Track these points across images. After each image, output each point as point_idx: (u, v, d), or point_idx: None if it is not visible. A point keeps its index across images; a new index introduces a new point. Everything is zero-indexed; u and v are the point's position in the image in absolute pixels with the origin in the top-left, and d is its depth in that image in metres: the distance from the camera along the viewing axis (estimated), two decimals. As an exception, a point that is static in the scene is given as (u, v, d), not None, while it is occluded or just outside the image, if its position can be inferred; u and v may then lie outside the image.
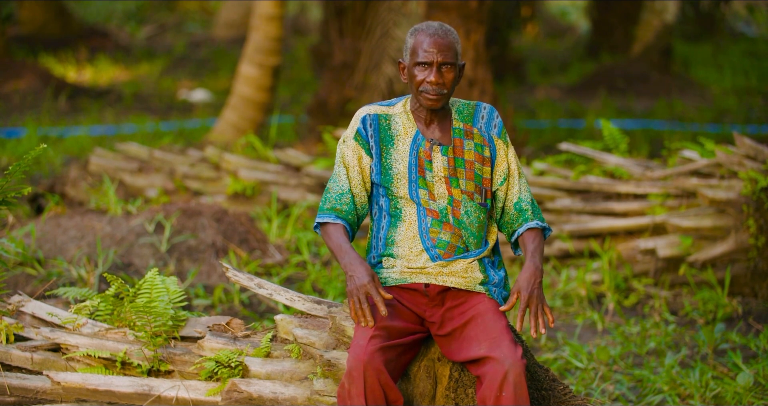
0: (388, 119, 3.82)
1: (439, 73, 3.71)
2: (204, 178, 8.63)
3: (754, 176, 6.43)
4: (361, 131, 3.79)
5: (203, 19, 22.12)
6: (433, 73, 3.71)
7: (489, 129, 3.85)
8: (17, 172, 4.42)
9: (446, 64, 3.72)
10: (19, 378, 4.14)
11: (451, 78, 3.73)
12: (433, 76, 3.71)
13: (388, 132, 3.80)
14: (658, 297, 6.67)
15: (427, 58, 3.71)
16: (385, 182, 3.78)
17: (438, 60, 3.71)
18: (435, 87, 3.72)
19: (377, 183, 3.80)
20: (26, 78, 14.36)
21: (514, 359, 3.53)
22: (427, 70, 3.72)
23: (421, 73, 3.73)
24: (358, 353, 3.54)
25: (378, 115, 3.81)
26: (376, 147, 3.79)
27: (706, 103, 14.05)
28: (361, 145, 3.79)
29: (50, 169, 10.15)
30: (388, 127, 3.81)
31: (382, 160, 3.78)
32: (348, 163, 3.81)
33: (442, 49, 3.71)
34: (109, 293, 4.25)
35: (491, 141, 3.84)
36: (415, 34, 3.76)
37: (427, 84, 3.72)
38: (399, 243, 3.80)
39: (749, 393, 5.11)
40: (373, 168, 3.79)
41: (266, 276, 6.82)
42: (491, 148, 3.84)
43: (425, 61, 3.72)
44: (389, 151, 3.79)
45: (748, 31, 20.16)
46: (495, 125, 3.86)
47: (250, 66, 10.91)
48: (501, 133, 3.86)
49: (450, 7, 8.93)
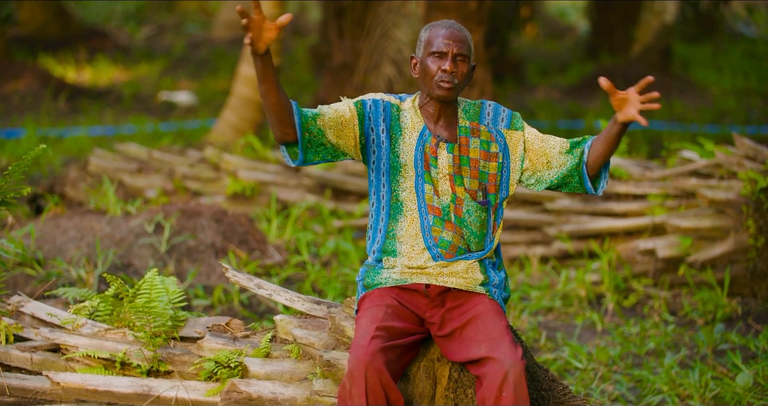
0: (399, 110, 3.84)
1: (454, 62, 3.74)
2: (203, 179, 8.63)
3: (753, 177, 6.43)
4: (366, 103, 3.80)
5: (202, 19, 22.11)
6: (448, 62, 3.73)
7: (496, 124, 3.86)
8: (16, 172, 4.42)
9: (461, 56, 3.75)
10: (18, 378, 4.14)
11: (464, 71, 3.76)
12: (448, 65, 3.73)
13: (398, 122, 3.82)
14: (658, 298, 6.67)
15: (443, 48, 3.74)
16: (394, 171, 3.79)
17: (453, 51, 3.74)
18: (449, 76, 3.73)
19: (385, 170, 3.81)
20: (25, 78, 14.35)
21: (513, 359, 3.53)
22: (443, 59, 3.75)
23: (435, 63, 3.75)
24: (360, 354, 3.54)
25: (390, 104, 3.84)
26: (387, 133, 3.80)
27: (705, 103, 14.05)
28: (357, 112, 3.78)
29: (49, 169, 10.15)
30: (398, 117, 3.83)
31: (392, 148, 3.80)
32: (337, 107, 3.76)
33: (458, 40, 3.75)
34: (108, 293, 4.26)
35: (500, 135, 3.84)
36: (430, 28, 3.81)
37: (441, 72, 3.74)
38: (401, 238, 3.80)
39: (749, 394, 5.11)
40: (384, 154, 3.79)
41: (265, 276, 6.82)
42: (501, 143, 3.84)
43: (441, 50, 3.74)
44: (398, 142, 3.80)
45: (747, 32, 20.16)
46: (502, 119, 3.87)
47: (249, 67, 10.90)
48: (510, 123, 3.86)
49: (449, 8, 8.94)
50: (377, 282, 3.81)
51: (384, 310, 3.70)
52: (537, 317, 6.53)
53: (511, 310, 6.47)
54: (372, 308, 3.72)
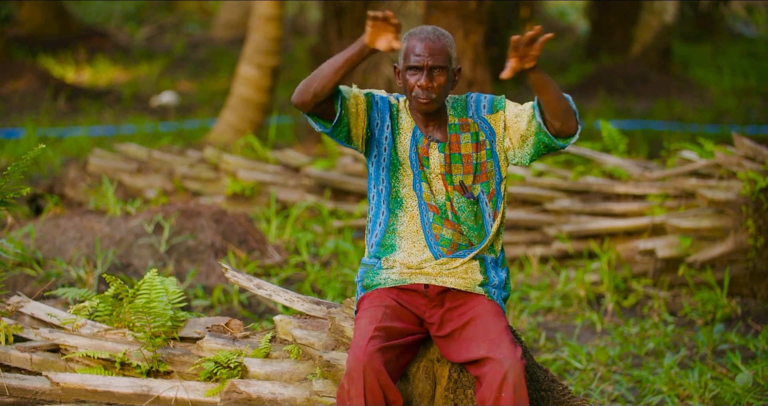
0: (397, 110, 3.85)
1: (429, 77, 3.72)
2: (203, 179, 8.63)
3: (753, 177, 6.43)
4: (375, 97, 3.82)
5: (202, 19, 22.10)
6: (423, 78, 3.72)
7: (479, 112, 3.85)
8: (16, 172, 4.42)
9: (437, 68, 3.72)
10: (18, 379, 4.14)
11: (442, 82, 3.73)
12: (423, 80, 3.72)
13: (397, 121, 3.84)
14: (657, 298, 6.67)
15: (418, 62, 3.72)
16: (393, 167, 3.80)
17: (428, 64, 3.72)
18: (425, 91, 3.73)
19: (385, 166, 3.81)
20: (25, 78, 14.35)
21: (513, 359, 3.53)
22: (418, 74, 3.73)
23: (412, 77, 3.74)
24: (358, 354, 3.54)
25: (390, 104, 3.86)
26: (390, 129, 3.82)
27: (705, 103, 14.05)
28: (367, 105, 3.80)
29: (49, 169, 10.14)
30: (397, 116, 3.85)
31: (394, 145, 3.81)
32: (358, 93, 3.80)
33: (433, 52, 3.72)
34: (108, 293, 4.26)
35: (484, 122, 3.83)
36: (408, 38, 3.78)
37: (417, 88, 3.73)
38: (401, 234, 3.80)
39: (748, 394, 5.11)
40: (386, 149, 3.81)
41: (265, 277, 6.82)
42: (486, 130, 3.82)
43: (416, 65, 3.73)
44: (398, 140, 3.82)
45: (747, 32, 20.16)
46: (484, 106, 3.86)
47: (249, 67, 10.91)
48: (492, 107, 3.83)
49: (449, 8, 8.93)
50: (376, 283, 3.81)
51: (383, 310, 3.70)
52: (536, 318, 6.53)
53: (510, 310, 6.47)
54: (371, 308, 3.72)
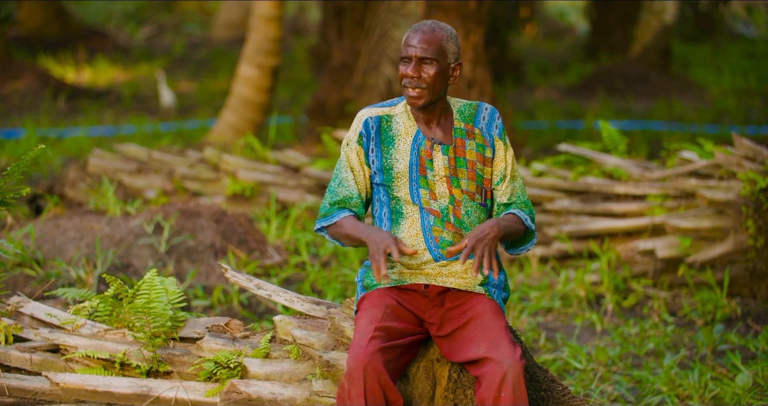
0: (389, 120, 3.82)
1: (417, 67, 3.70)
2: (203, 179, 8.63)
3: (752, 177, 6.43)
4: (362, 134, 3.80)
5: (202, 19, 22.11)
6: (410, 67, 3.71)
7: (490, 129, 3.85)
8: (16, 172, 4.42)
9: (426, 59, 3.71)
10: (18, 379, 4.14)
11: (432, 74, 3.71)
12: (410, 70, 3.71)
13: (389, 133, 3.81)
14: (657, 298, 6.67)
15: (408, 52, 3.72)
16: (387, 182, 3.79)
17: (417, 54, 3.70)
18: (411, 81, 3.71)
19: (378, 183, 3.81)
20: (25, 79, 14.35)
21: (512, 359, 3.53)
22: (408, 64, 3.73)
23: (403, 67, 3.74)
24: (358, 354, 3.54)
25: (380, 118, 3.82)
26: (377, 150, 3.79)
27: (705, 104, 14.05)
28: (363, 149, 3.80)
29: (49, 170, 10.14)
30: (389, 128, 3.81)
31: (383, 162, 3.79)
32: (354, 167, 3.81)
33: (424, 44, 3.71)
34: (108, 293, 4.26)
35: (492, 141, 3.85)
36: (407, 33, 3.79)
37: (405, 78, 3.73)
38: (402, 237, 3.80)
39: (748, 394, 5.11)
40: (375, 171, 3.80)
41: (265, 277, 6.82)
42: (492, 149, 3.84)
43: (406, 55, 3.73)
44: (390, 152, 3.79)
45: (747, 32, 20.17)
46: (496, 126, 3.86)
47: (249, 67, 10.91)
48: (501, 134, 3.87)
49: (449, 8, 8.93)
50: (376, 283, 3.81)
51: (383, 310, 3.70)
52: (536, 318, 6.53)
53: (510, 310, 6.47)
54: (371, 308, 3.72)
